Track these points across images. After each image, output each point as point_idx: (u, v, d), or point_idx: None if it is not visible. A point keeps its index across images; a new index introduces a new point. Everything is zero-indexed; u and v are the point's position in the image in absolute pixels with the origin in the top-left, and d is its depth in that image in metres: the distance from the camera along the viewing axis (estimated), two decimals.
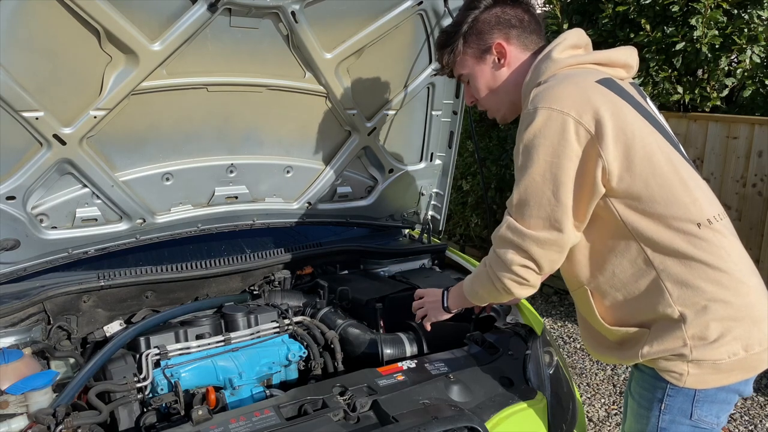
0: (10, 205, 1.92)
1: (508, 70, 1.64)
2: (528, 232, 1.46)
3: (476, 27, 1.63)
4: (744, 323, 1.43)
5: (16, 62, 1.69)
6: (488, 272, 1.58)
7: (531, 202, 1.46)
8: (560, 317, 4.91)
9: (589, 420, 3.54)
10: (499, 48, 1.62)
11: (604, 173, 1.41)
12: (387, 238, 2.83)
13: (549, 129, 1.41)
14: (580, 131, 1.40)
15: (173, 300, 2.26)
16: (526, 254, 1.48)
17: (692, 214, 1.44)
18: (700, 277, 1.42)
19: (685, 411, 1.49)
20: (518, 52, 1.63)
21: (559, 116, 1.40)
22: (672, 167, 1.46)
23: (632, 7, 4.34)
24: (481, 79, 1.67)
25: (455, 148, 2.68)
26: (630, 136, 1.42)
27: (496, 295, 1.62)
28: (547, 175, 1.43)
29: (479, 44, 1.63)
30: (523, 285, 1.54)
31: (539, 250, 1.47)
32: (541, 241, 1.46)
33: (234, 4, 1.86)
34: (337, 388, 1.69)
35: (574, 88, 1.44)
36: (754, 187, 4.21)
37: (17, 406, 1.59)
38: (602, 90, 1.45)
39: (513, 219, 1.50)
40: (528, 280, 1.53)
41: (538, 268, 1.50)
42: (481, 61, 1.65)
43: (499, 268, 1.54)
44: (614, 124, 1.41)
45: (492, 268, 1.56)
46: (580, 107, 1.41)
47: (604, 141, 1.40)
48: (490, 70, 1.65)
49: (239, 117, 2.22)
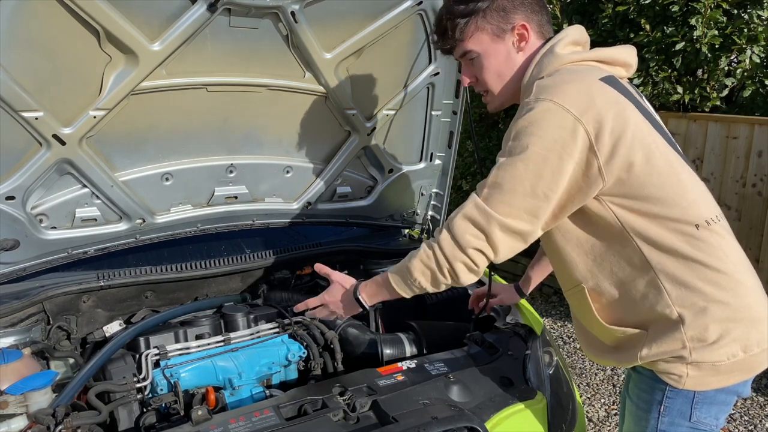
0: (9, 205, 1.92)
1: (523, 55, 1.55)
2: (495, 214, 1.40)
3: (499, 3, 1.52)
4: (743, 324, 1.42)
5: (16, 62, 1.69)
6: (434, 256, 1.48)
7: (506, 188, 1.40)
8: (560, 317, 4.91)
9: (589, 420, 3.54)
10: (522, 30, 1.53)
11: (600, 173, 1.39)
12: (387, 238, 2.83)
13: (546, 121, 1.37)
14: (579, 130, 1.37)
15: (173, 300, 2.26)
16: (486, 238, 1.42)
17: (689, 216, 1.43)
18: (699, 278, 1.41)
19: (684, 413, 1.48)
20: (535, 38, 1.55)
21: (560, 111, 1.37)
22: (670, 168, 1.45)
23: (632, 7, 4.34)
24: (493, 59, 1.56)
25: (455, 148, 2.68)
26: (630, 137, 1.40)
27: (438, 281, 1.52)
28: (530, 166, 1.38)
29: (500, 22, 1.53)
30: (472, 271, 1.48)
31: (502, 236, 1.41)
32: (507, 227, 1.41)
33: (234, 4, 1.86)
34: (336, 388, 1.69)
35: (579, 86, 1.41)
36: (754, 187, 4.21)
37: (17, 406, 1.58)
38: (606, 89, 1.43)
39: (481, 200, 1.43)
40: (479, 266, 1.46)
41: (494, 254, 1.44)
42: (498, 40, 1.54)
43: (451, 249, 1.45)
44: (615, 125, 1.39)
45: (442, 251, 1.47)
46: (582, 105, 1.38)
47: (602, 141, 1.37)
48: (506, 52, 1.55)
49: (239, 117, 2.22)
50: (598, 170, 1.39)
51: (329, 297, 1.79)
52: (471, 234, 1.43)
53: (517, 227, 1.41)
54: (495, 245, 1.43)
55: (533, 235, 1.44)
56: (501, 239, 1.42)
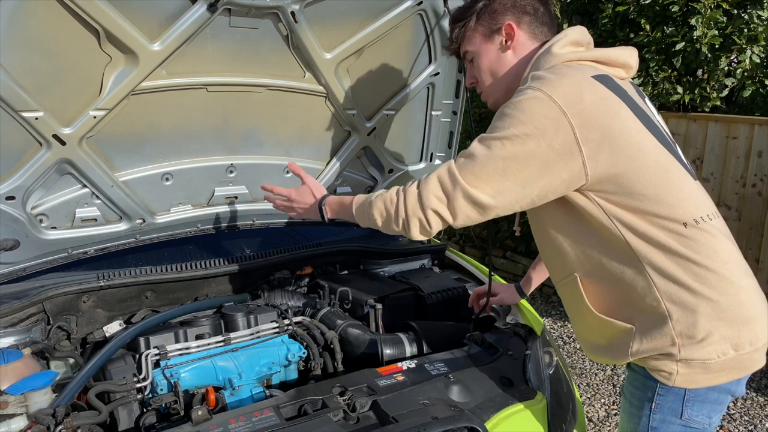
0: (9, 205, 1.92)
1: (514, 55, 1.64)
2: (463, 182, 1.45)
3: (492, 6, 1.64)
4: (732, 323, 1.42)
5: (16, 62, 1.69)
6: (396, 204, 1.55)
7: (479, 160, 1.44)
8: (560, 317, 4.91)
9: (589, 420, 3.54)
10: (509, 29, 1.62)
11: (584, 168, 1.40)
12: (387, 238, 2.83)
13: (531, 108, 1.40)
14: (562, 122, 1.38)
15: (173, 300, 2.26)
16: (447, 203, 1.48)
17: (677, 214, 1.43)
18: (687, 274, 1.42)
19: (675, 410, 1.49)
20: (526, 39, 1.63)
21: (547, 101, 1.39)
22: (659, 167, 1.45)
23: (632, 7, 4.35)
24: (485, 58, 1.67)
25: (455, 148, 2.68)
26: (616, 134, 1.41)
27: (389, 227, 1.60)
28: (507, 146, 1.41)
29: (490, 23, 1.64)
30: (424, 231, 1.54)
31: (464, 203, 1.46)
32: (471, 197, 1.45)
33: (234, 4, 1.86)
34: (336, 388, 1.69)
35: (570, 80, 1.44)
36: (754, 187, 4.21)
37: (17, 407, 1.58)
38: (596, 86, 1.45)
39: (455, 166, 1.48)
40: (432, 228, 1.52)
41: (453, 219, 1.49)
42: (488, 40, 1.65)
43: (413, 205, 1.52)
44: (601, 121, 1.40)
45: (405, 202, 1.53)
46: (570, 99, 1.40)
47: (586, 136, 1.39)
48: (496, 51, 1.65)
49: (239, 117, 2.22)
50: (582, 164, 1.41)
51: (296, 196, 1.92)
52: (435, 195, 1.49)
53: (479, 199, 1.45)
54: (455, 211, 1.48)
55: (493, 210, 1.47)
56: (462, 206, 1.47)
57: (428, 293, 2.30)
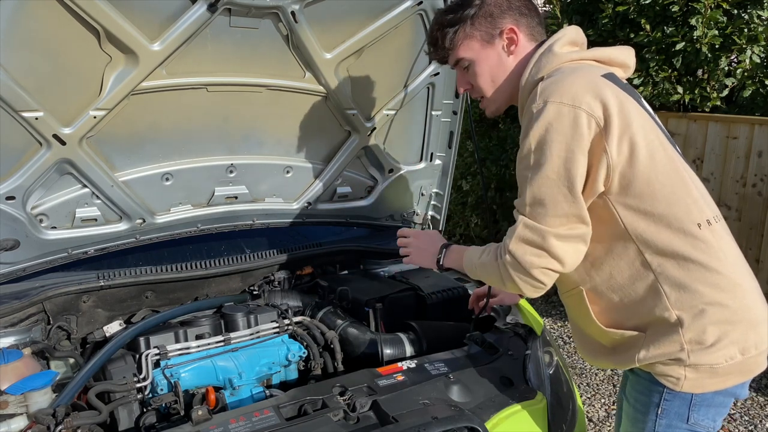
0: (9, 205, 1.92)
1: (515, 58, 1.58)
2: (548, 229, 1.40)
3: (486, 9, 1.56)
4: (741, 326, 1.42)
5: (16, 62, 1.69)
6: (500, 270, 1.49)
7: (547, 201, 1.40)
8: (560, 317, 4.91)
9: (589, 420, 3.54)
10: (511, 33, 1.56)
11: (608, 170, 1.40)
12: (387, 238, 2.83)
13: (561, 124, 1.38)
14: (592, 124, 1.38)
15: (173, 300, 2.26)
16: (547, 254, 1.41)
17: (693, 215, 1.43)
18: (698, 280, 1.41)
19: (681, 415, 1.48)
20: (526, 41, 1.58)
21: (571, 111, 1.38)
22: (673, 166, 1.45)
23: (632, 7, 4.34)
24: (485, 65, 1.59)
25: (455, 148, 2.68)
26: (634, 133, 1.40)
27: (501, 287, 1.56)
28: (561, 172, 1.39)
29: (489, 28, 1.56)
30: (537, 288, 1.48)
31: (562, 245, 1.41)
32: (563, 236, 1.40)
33: (234, 4, 1.86)
34: (336, 388, 1.69)
35: (583, 82, 1.42)
36: (754, 187, 4.21)
37: (17, 406, 1.58)
38: (609, 84, 1.44)
39: (528, 218, 1.43)
40: (545, 284, 1.46)
41: (562, 266, 1.43)
42: (488, 45, 1.57)
43: (516, 270, 1.46)
44: (620, 120, 1.39)
45: (507, 269, 1.47)
46: (590, 100, 1.38)
47: (610, 136, 1.38)
48: (497, 57, 1.58)
49: (239, 117, 2.22)
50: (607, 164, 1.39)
51: (417, 241, 1.86)
52: (531, 254, 1.43)
53: (571, 232, 1.41)
54: (559, 256, 1.42)
55: (589, 231, 1.43)
56: (563, 249, 1.41)
57: (428, 293, 2.30)
